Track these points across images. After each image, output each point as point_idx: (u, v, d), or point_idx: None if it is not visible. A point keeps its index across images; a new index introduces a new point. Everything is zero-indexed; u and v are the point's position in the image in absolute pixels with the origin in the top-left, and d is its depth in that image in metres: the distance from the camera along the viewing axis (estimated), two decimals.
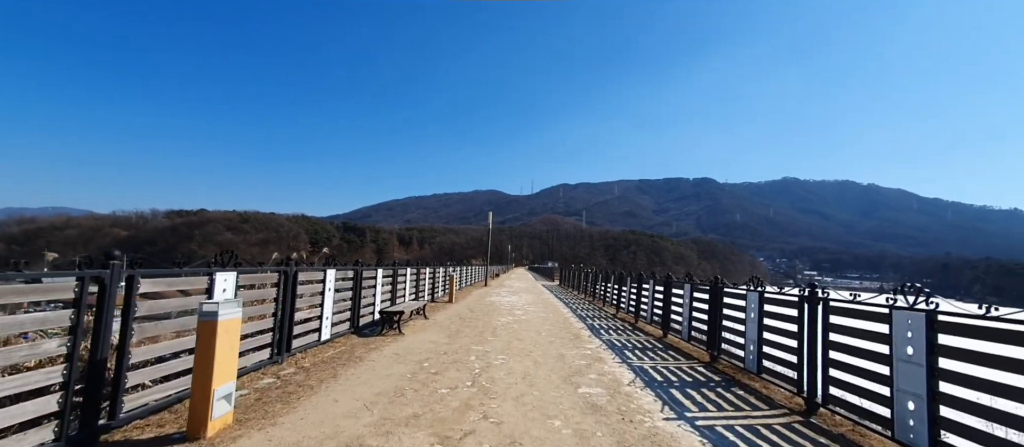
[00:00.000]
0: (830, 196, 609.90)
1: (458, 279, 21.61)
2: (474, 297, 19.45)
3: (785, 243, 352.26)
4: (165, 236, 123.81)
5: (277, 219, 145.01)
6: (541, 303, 17.82)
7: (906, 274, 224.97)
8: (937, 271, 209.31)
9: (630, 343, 9.47)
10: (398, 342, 8.47)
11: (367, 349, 7.79)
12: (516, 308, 15.30)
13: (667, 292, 10.54)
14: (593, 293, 20.82)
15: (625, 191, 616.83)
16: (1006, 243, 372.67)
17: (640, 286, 12.98)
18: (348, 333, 8.94)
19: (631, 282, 14.13)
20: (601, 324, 12.31)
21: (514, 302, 17.46)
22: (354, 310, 9.26)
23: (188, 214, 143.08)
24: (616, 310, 15.65)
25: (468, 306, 15.44)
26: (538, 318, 12.88)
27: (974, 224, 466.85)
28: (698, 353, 8.54)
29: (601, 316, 14.26)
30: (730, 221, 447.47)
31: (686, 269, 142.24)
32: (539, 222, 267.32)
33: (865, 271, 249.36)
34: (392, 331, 9.42)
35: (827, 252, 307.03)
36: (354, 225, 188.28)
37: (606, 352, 8.36)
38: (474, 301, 17.55)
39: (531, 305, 16.67)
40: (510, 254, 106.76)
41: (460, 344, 8.50)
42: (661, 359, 8.02)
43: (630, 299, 14.14)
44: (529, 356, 7.69)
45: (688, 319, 9.14)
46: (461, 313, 13.34)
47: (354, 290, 9.24)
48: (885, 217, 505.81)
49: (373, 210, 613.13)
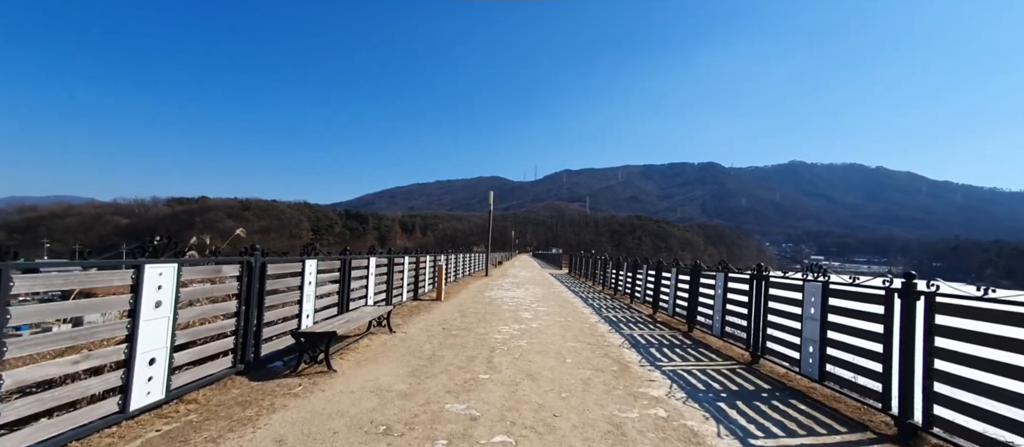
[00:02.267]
0: (837, 179, 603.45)
1: (453, 269, 19.23)
2: (471, 291, 16.24)
3: (791, 227, 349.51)
4: (166, 224, 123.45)
5: (279, 206, 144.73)
6: (553, 299, 14.58)
7: (914, 257, 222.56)
8: (948, 254, 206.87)
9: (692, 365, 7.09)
10: (310, 397, 4.66)
11: (226, 424, 3.92)
12: (522, 307, 12.13)
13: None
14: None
15: (629, 176, 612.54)
16: (1014, 224, 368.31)
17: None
18: (228, 375, 5.08)
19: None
20: (642, 335, 8.72)
21: (519, 298, 14.30)
22: (245, 331, 5.33)
23: (189, 201, 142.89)
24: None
25: (460, 306, 12.00)
26: (555, 326, 9.32)
27: (982, 206, 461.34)
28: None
29: (635, 320, 10.72)
30: (735, 206, 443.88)
31: (693, 254, 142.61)
32: (543, 208, 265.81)
33: (872, 255, 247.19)
34: (315, 367, 5.62)
35: (833, 236, 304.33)
36: (356, 212, 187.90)
37: (685, 405, 4.75)
38: (470, 297, 14.23)
39: (541, 303, 13.32)
40: (513, 241, 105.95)
41: (427, 396, 4.78)
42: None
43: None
44: (554, 431, 3.99)
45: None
46: (447, 319, 9.76)
47: (244, 297, 5.29)
48: (892, 200, 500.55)
49: (376, 197, 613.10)
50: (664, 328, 9.76)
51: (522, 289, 17.53)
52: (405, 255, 12.37)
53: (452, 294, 15.09)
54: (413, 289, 12.91)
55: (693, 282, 9.46)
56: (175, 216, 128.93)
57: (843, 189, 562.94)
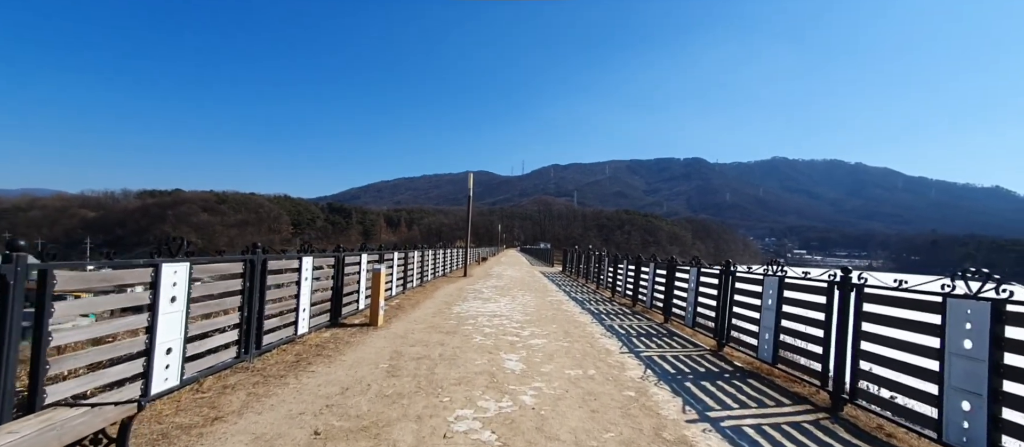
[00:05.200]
0: (818, 175, 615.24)
1: (418, 271, 14.92)
2: (436, 302, 11.73)
3: (774, 222, 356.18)
4: (135, 218, 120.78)
5: (256, 200, 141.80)
6: (553, 316, 10.18)
7: (893, 252, 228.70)
8: (926, 248, 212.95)
9: None
10: None
11: None
12: (506, 335, 7.87)
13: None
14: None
15: (616, 171, 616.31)
16: (987, 219, 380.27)
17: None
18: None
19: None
20: None
21: (503, 315, 9.94)
22: None
23: (161, 194, 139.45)
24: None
25: (403, 337, 7.49)
26: (571, 394, 4.98)
27: (957, 202, 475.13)
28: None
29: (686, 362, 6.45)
30: (720, 201, 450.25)
31: (682, 249, 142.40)
32: (530, 203, 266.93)
33: (853, 249, 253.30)
34: None
35: (815, 231, 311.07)
36: (340, 206, 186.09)
37: None
38: (428, 316, 9.64)
39: (536, 324, 9.06)
40: (500, 235, 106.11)
41: None
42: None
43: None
44: None
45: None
46: (354, 383, 5.11)
47: None
48: (871, 195, 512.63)
49: (362, 192, 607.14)
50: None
51: (507, 297, 13.25)
52: (311, 256, 7.22)
53: (405, 310, 10.35)
54: (332, 312, 8.16)
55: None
56: (146, 210, 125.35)
57: (824, 185, 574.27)
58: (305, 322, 7.13)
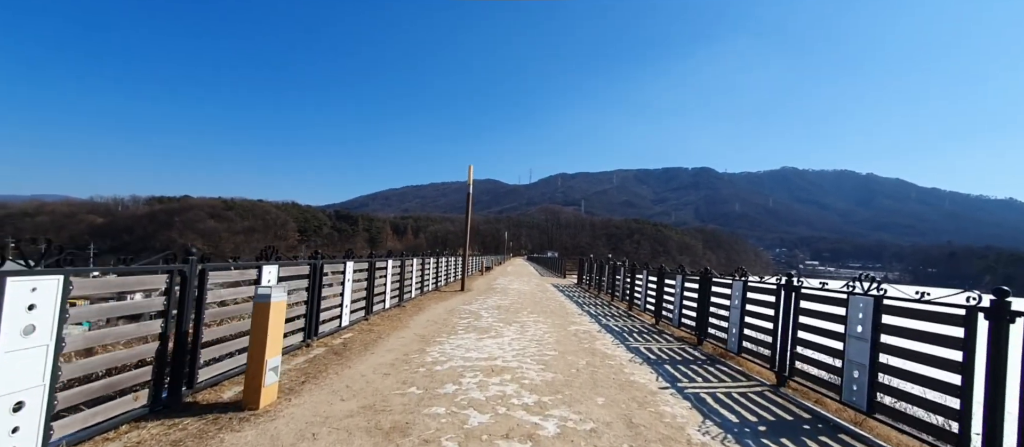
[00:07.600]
0: (828, 186, 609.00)
1: (388, 286, 10.49)
2: (404, 340, 7.53)
3: (784, 233, 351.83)
4: (143, 223, 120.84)
5: (264, 206, 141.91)
6: (589, 370, 6.00)
7: (909, 263, 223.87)
8: (943, 260, 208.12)
9: None
10: None
11: None
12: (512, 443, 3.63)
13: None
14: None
15: (624, 180, 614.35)
16: (1003, 232, 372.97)
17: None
18: None
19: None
20: None
21: (508, 373, 5.63)
22: None
23: (169, 200, 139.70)
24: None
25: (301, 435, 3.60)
26: None
27: (970, 213, 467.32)
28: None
29: None
30: (729, 211, 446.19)
31: (692, 259, 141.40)
32: (537, 211, 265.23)
33: (867, 261, 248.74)
34: None
35: (826, 241, 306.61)
36: (347, 213, 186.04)
37: None
38: (386, 365, 5.81)
39: (565, 388, 5.11)
40: (507, 243, 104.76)
41: None
42: None
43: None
44: None
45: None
46: None
47: None
48: (882, 206, 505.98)
49: (370, 199, 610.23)
50: None
51: (515, 327, 9.27)
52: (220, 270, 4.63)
53: (345, 358, 6.13)
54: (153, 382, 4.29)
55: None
56: (153, 216, 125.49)
57: (834, 195, 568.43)
58: None
